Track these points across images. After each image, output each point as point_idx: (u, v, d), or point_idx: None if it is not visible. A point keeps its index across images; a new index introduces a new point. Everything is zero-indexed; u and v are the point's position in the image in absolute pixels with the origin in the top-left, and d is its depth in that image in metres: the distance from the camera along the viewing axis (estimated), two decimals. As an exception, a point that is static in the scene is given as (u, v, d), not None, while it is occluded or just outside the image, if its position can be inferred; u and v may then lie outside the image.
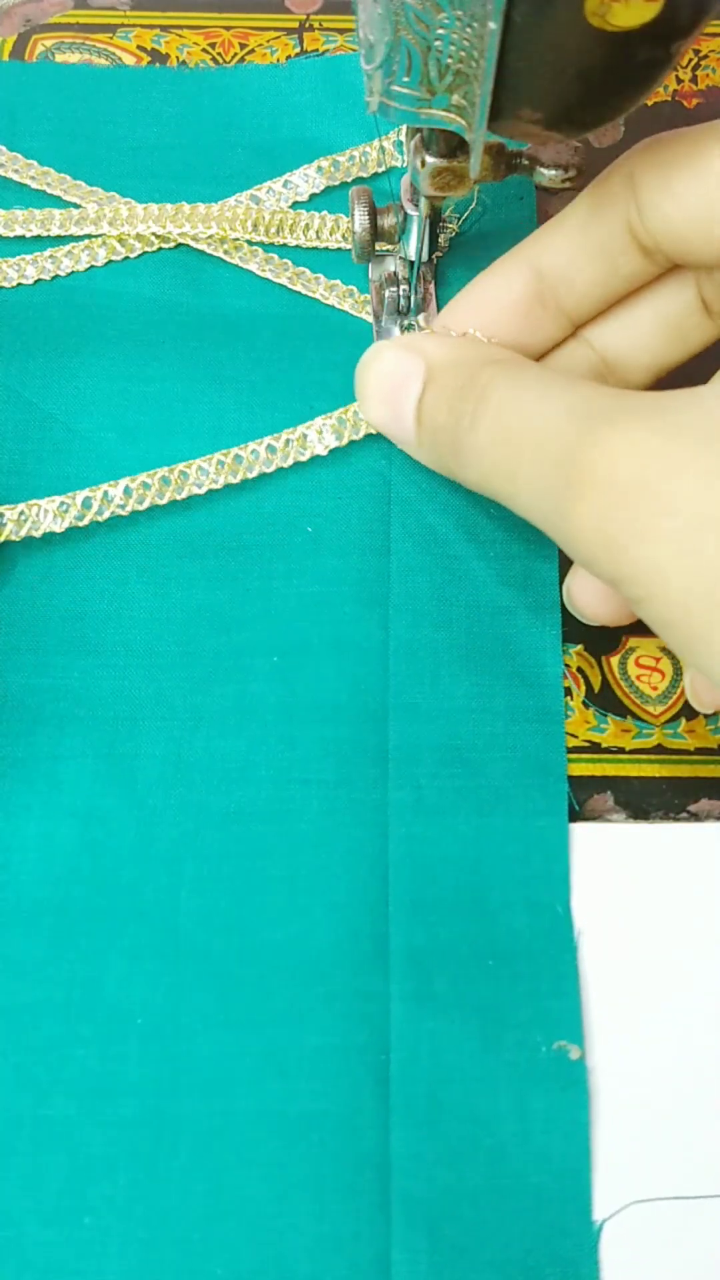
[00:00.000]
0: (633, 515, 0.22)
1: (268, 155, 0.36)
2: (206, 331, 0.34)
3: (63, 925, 0.27)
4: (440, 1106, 0.26)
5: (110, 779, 0.29)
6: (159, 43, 0.38)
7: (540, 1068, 0.26)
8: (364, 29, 0.24)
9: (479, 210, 0.35)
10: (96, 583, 0.31)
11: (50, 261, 0.35)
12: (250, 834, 0.28)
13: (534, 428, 0.24)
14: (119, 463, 0.32)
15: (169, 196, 0.35)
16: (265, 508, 0.31)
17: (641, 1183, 0.26)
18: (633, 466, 0.22)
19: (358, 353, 0.33)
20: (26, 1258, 0.25)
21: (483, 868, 0.28)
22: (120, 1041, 0.26)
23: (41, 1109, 0.26)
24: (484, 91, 0.23)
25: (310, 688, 0.30)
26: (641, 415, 0.23)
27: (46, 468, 0.32)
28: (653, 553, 0.22)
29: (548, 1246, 0.25)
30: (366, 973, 0.27)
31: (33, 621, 0.30)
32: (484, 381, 0.26)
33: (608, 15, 0.21)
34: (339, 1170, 0.25)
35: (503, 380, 0.26)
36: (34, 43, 0.38)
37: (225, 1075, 0.26)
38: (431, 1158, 0.25)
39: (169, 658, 0.30)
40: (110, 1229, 0.25)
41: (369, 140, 0.36)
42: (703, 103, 0.38)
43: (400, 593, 0.30)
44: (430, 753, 0.29)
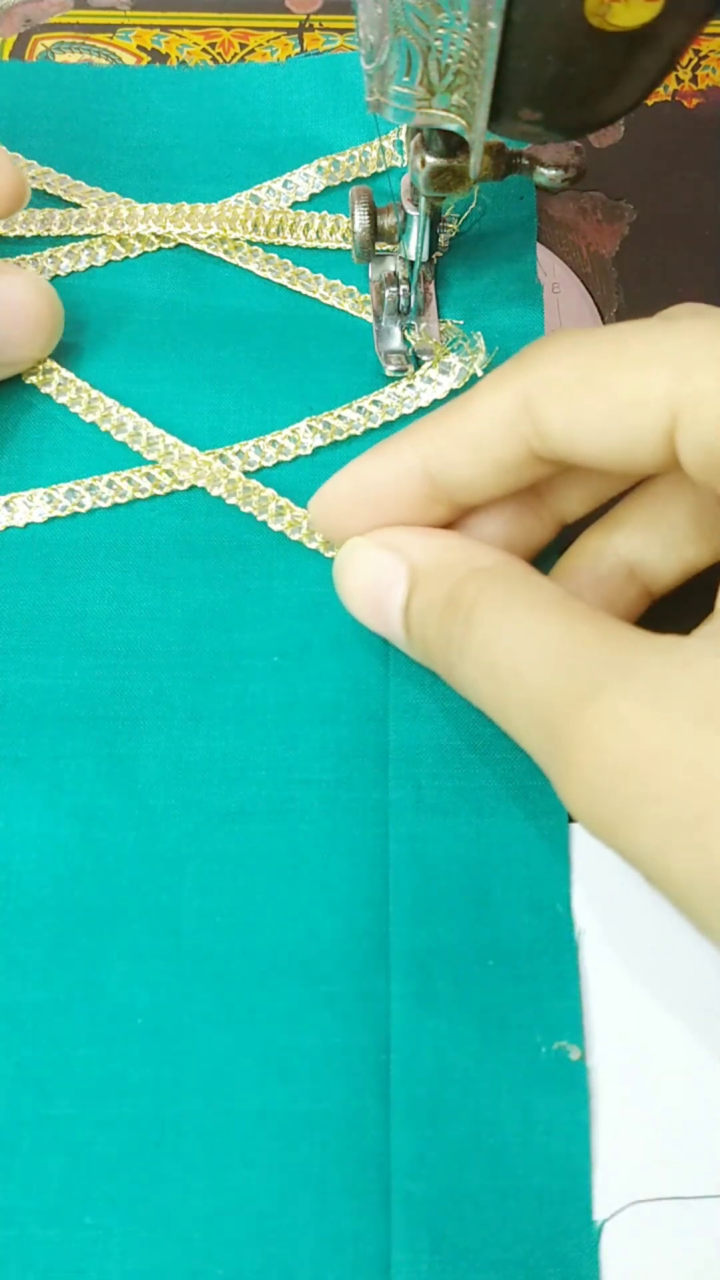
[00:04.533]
0: (623, 800, 0.21)
1: (268, 155, 0.36)
2: (206, 331, 0.34)
3: (63, 925, 0.27)
4: (441, 1106, 0.26)
5: (110, 779, 0.29)
6: (159, 43, 0.38)
7: (541, 1068, 0.26)
8: (364, 29, 0.24)
9: (479, 210, 0.35)
10: (96, 583, 0.31)
11: (50, 261, 0.35)
12: (250, 834, 0.28)
13: (520, 677, 0.23)
14: (119, 463, 0.32)
15: (169, 196, 0.35)
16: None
17: (641, 1183, 0.26)
18: (620, 748, 0.21)
19: (358, 353, 0.34)
20: (27, 1257, 0.25)
21: (483, 868, 0.28)
22: (121, 1041, 0.26)
23: (43, 1108, 0.26)
24: (484, 91, 0.23)
25: (310, 688, 0.30)
26: (630, 681, 0.21)
27: (46, 468, 0.32)
28: (647, 839, 0.21)
29: (548, 1246, 0.25)
30: (367, 973, 0.27)
31: (33, 621, 0.30)
32: (470, 600, 0.24)
33: (608, 15, 0.21)
34: (340, 1170, 0.25)
35: (489, 601, 0.24)
36: (34, 43, 0.38)
37: (226, 1075, 0.26)
38: (432, 1158, 0.25)
39: (169, 658, 0.30)
40: (111, 1228, 0.25)
41: (369, 140, 0.36)
42: (703, 103, 0.38)
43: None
44: (430, 753, 0.29)
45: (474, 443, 0.25)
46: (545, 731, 0.22)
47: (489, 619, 0.24)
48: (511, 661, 0.23)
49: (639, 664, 0.21)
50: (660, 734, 0.20)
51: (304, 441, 0.32)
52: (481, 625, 0.24)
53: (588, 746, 0.21)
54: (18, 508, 0.31)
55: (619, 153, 0.37)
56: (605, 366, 0.23)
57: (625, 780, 0.21)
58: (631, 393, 0.22)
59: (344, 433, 0.32)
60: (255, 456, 0.32)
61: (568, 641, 0.23)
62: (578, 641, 0.22)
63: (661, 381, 0.22)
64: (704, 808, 0.20)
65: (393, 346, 0.33)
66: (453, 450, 0.26)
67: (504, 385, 0.24)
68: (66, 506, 0.31)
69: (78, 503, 0.31)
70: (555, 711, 0.22)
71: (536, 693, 0.23)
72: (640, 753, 0.21)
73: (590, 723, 0.21)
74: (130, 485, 0.31)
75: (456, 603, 0.25)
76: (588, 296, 0.36)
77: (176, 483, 0.31)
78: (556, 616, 0.23)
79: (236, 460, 0.32)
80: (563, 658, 0.22)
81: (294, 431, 0.32)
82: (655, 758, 0.20)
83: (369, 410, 0.32)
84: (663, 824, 0.20)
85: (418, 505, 0.27)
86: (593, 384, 0.23)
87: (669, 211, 0.37)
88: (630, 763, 0.21)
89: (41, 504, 0.31)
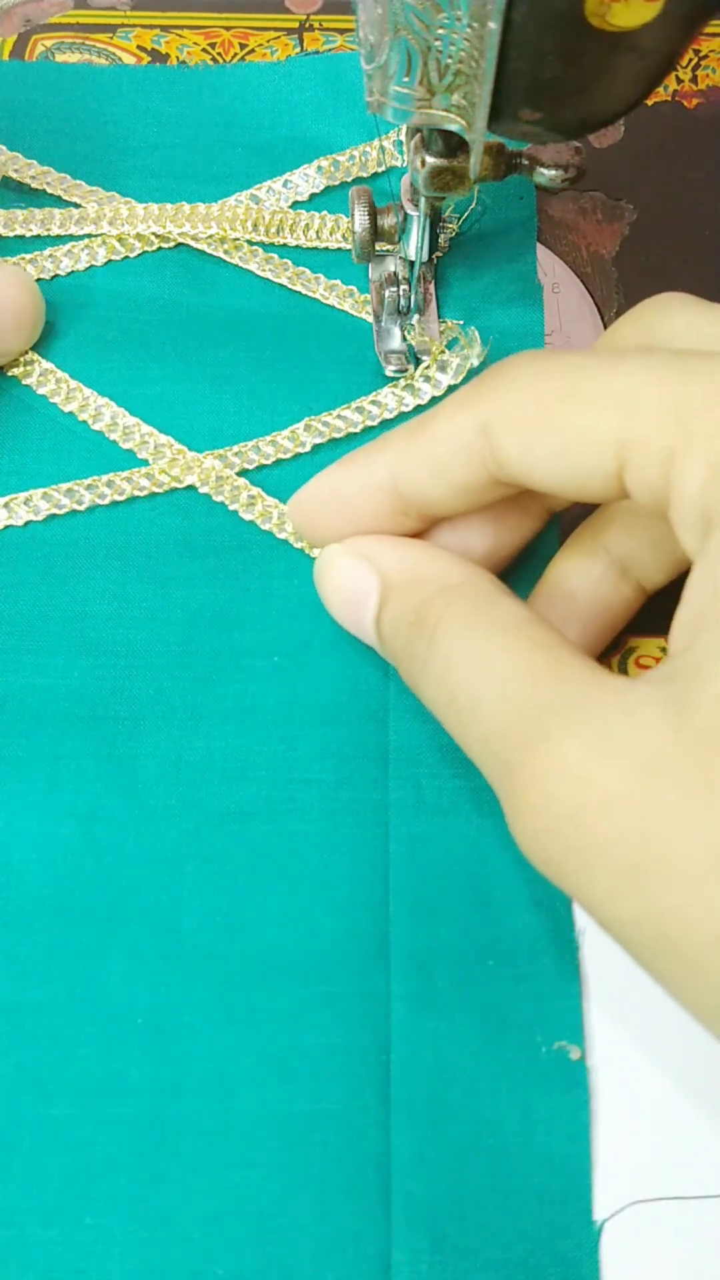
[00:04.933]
0: (569, 845, 0.21)
1: (268, 155, 0.36)
2: (206, 331, 0.34)
3: (63, 925, 0.27)
4: (441, 1106, 0.26)
5: (110, 779, 0.29)
6: (159, 43, 0.38)
7: (541, 1068, 0.26)
8: (364, 29, 0.24)
9: (479, 210, 0.35)
10: (96, 583, 0.31)
11: (50, 261, 0.35)
12: (251, 834, 0.28)
13: (475, 711, 0.23)
14: (119, 463, 0.32)
15: (169, 196, 0.35)
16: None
17: (641, 1183, 0.26)
18: (566, 795, 0.21)
19: (358, 353, 0.34)
20: (28, 1257, 0.25)
21: (483, 868, 0.28)
22: (121, 1041, 0.26)
23: (43, 1108, 0.26)
24: (484, 91, 0.23)
25: (310, 688, 0.30)
26: (577, 726, 0.21)
27: (46, 468, 0.32)
28: (592, 886, 0.21)
29: (549, 1246, 0.25)
30: (368, 973, 0.27)
31: (33, 621, 0.30)
32: (434, 619, 0.25)
33: (608, 15, 0.21)
34: (340, 1170, 0.25)
35: (451, 623, 0.24)
36: (34, 43, 0.38)
37: (226, 1075, 0.26)
38: (433, 1158, 0.25)
39: (169, 658, 0.30)
40: (111, 1229, 0.25)
41: (369, 140, 0.36)
42: (703, 103, 0.38)
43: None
44: (431, 753, 0.29)
45: (436, 465, 0.25)
46: (497, 769, 0.23)
47: (449, 642, 0.24)
48: (468, 692, 0.23)
49: (586, 707, 0.22)
50: (604, 782, 0.20)
51: (304, 440, 0.32)
52: (442, 647, 0.24)
53: (536, 790, 0.21)
54: (16, 508, 0.31)
55: (619, 153, 0.37)
56: (557, 402, 0.23)
57: (570, 827, 0.21)
58: (580, 432, 0.23)
59: (343, 431, 0.32)
60: (255, 456, 0.32)
61: (523, 675, 0.23)
62: (531, 676, 0.23)
63: (608, 423, 0.22)
64: (645, 857, 0.20)
65: (393, 346, 0.33)
66: (417, 470, 0.26)
67: (463, 412, 0.25)
68: (65, 505, 0.31)
69: (76, 501, 0.31)
70: (506, 752, 0.22)
71: (490, 729, 0.23)
72: (585, 801, 0.21)
73: (538, 768, 0.21)
74: (130, 485, 0.31)
75: (422, 621, 0.25)
76: (588, 296, 0.36)
77: (175, 481, 0.31)
78: (514, 644, 0.23)
79: (236, 460, 0.32)
80: (515, 694, 0.23)
81: (293, 432, 0.32)
82: (599, 806, 0.20)
83: (368, 410, 0.32)
84: (606, 871, 0.20)
85: (388, 516, 0.27)
86: (546, 419, 0.23)
87: (669, 211, 0.37)
88: (575, 810, 0.21)
89: (41, 504, 0.31)
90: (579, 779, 0.21)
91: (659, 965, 0.21)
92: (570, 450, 0.23)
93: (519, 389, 0.24)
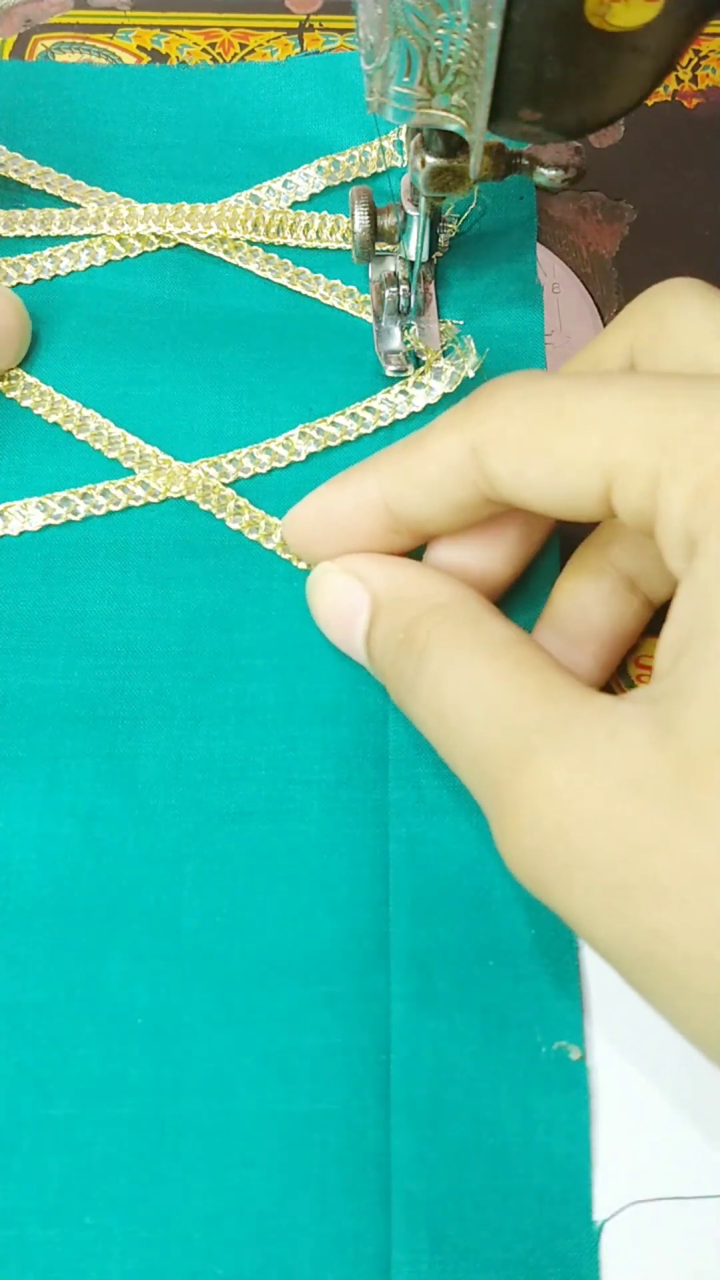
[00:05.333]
0: (555, 864, 0.21)
1: (268, 155, 0.36)
2: (206, 331, 0.34)
3: (63, 925, 0.27)
4: (441, 1106, 0.26)
5: (110, 779, 0.29)
6: (159, 43, 0.38)
7: (541, 1068, 0.26)
8: (364, 29, 0.24)
9: (479, 210, 0.35)
10: (96, 583, 0.31)
11: (50, 261, 0.35)
12: (250, 834, 0.28)
13: (463, 731, 0.24)
14: (114, 471, 0.32)
15: (169, 196, 0.35)
16: (264, 507, 0.31)
17: (641, 1183, 0.26)
18: (553, 814, 0.21)
19: (358, 353, 0.34)
20: (27, 1257, 0.25)
21: (484, 867, 0.28)
22: (121, 1041, 0.26)
23: (42, 1108, 0.26)
24: (484, 91, 0.23)
25: (310, 688, 0.30)
26: (563, 747, 0.21)
27: (46, 468, 0.32)
28: (576, 904, 0.21)
29: (549, 1247, 0.25)
30: (368, 973, 0.27)
31: (33, 621, 0.30)
32: (423, 639, 0.25)
33: (608, 15, 0.21)
34: (340, 1170, 0.25)
35: (439, 642, 0.25)
36: (34, 43, 0.38)
37: (226, 1075, 0.26)
38: (432, 1158, 0.25)
39: (169, 658, 0.30)
40: (111, 1229, 0.25)
41: (369, 140, 0.36)
42: (703, 103, 0.38)
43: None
44: (431, 752, 0.29)
45: (428, 485, 0.26)
46: (485, 788, 0.23)
47: (437, 662, 0.24)
48: (456, 712, 0.24)
49: (573, 727, 0.22)
50: (590, 801, 0.21)
51: (298, 448, 0.32)
52: (430, 668, 0.24)
53: (523, 809, 0.22)
54: (11, 517, 0.31)
55: (619, 153, 0.37)
56: (545, 425, 0.23)
57: (557, 845, 0.21)
58: (568, 455, 0.23)
59: (338, 439, 0.32)
60: (249, 464, 0.32)
61: (510, 695, 0.23)
62: (518, 696, 0.23)
63: (594, 446, 0.22)
64: (630, 876, 0.20)
65: (393, 346, 0.33)
66: (408, 489, 0.26)
67: (453, 433, 0.25)
68: (60, 515, 0.31)
69: (71, 510, 0.31)
70: (494, 771, 0.23)
71: (478, 748, 0.23)
72: (570, 820, 0.21)
73: (525, 787, 0.22)
74: (124, 494, 0.31)
75: (410, 641, 0.25)
76: (588, 296, 0.36)
77: (165, 489, 0.31)
78: (502, 665, 0.24)
79: (230, 468, 0.32)
80: (502, 714, 0.23)
81: (287, 439, 0.32)
82: (584, 826, 0.21)
83: (363, 417, 0.32)
84: (590, 890, 0.21)
85: (380, 534, 0.27)
86: (534, 442, 0.23)
87: (669, 211, 0.37)
88: (561, 829, 0.21)
89: (36, 513, 0.31)
90: (565, 798, 0.21)
91: (646, 983, 0.21)
92: (559, 473, 0.23)
93: (506, 412, 0.24)
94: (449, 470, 0.25)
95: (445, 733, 0.24)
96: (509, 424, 0.24)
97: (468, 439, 0.25)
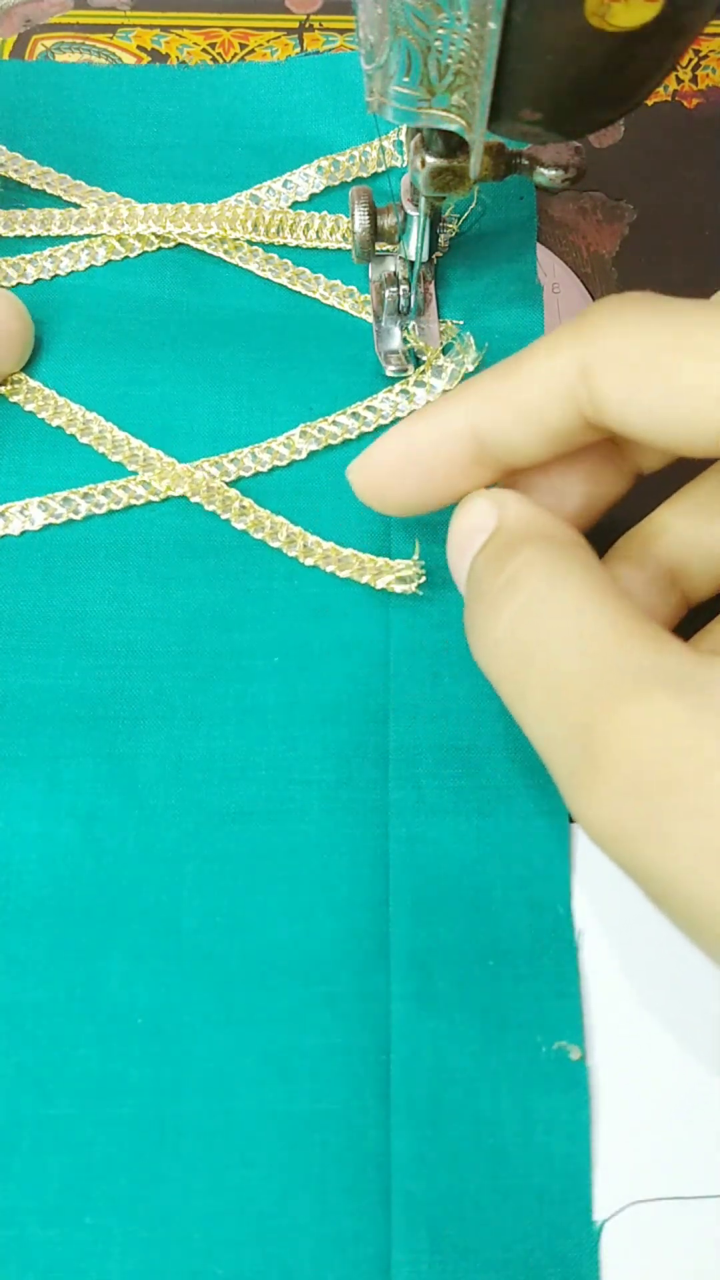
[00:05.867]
0: (654, 812, 0.19)
1: (268, 155, 0.36)
2: (206, 331, 0.34)
3: (63, 925, 0.27)
4: (441, 1107, 0.26)
5: (110, 779, 0.29)
6: (159, 43, 0.38)
7: (541, 1068, 0.26)
8: (364, 29, 0.24)
9: (479, 210, 0.35)
10: (96, 583, 0.31)
11: (50, 261, 0.35)
12: (251, 834, 0.28)
13: (551, 657, 0.22)
14: (114, 472, 0.32)
15: (169, 196, 0.35)
16: (265, 506, 0.31)
17: (641, 1183, 0.26)
18: (660, 755, 0.19)
19: (358, 353, 0.34)
20: (27, 1257, 0.25)
21: (484, 868, 0.28)
22: (121, 1041, 0.26)
23: (43, 1108, 0.26)
24: (484, 91, 0.23)
25: (311, 688, 0.30)
26: (678, 688, 0.20)
27: (46, 468, 0.32)
28: (678, 858, 0.19)
29: (548, 1247, 0.25)
30: (368, 973, 0.27)
31: (33, 621, 0.30)
32: (519, 564, 0.23)
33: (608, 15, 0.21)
34: (340, 1170, 0.25)
35: (536, 571, 0.23)
36: (34, 43, 0.38)
37: (226, 1075, 0.26)
38: (433, 1158, 0.25)
39: (169, 658, 0.30)
40: (111, 1229, 0.25)
41: (369, 140, 0.36)
42: (703, 103, 0.38)
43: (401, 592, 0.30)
44: (431, 753, 0.29)
45: (526, 409, 0.25)
46: (569, 723, 0.21)
47: (532, 588, 0.23)
48: (546, 637, 0.22)
49: (688, 673, 0.20)
50: (706, 742, 0.19)
51: (299, 447, 0.32)
52: (524, 590, 0.23)
53: (621, 748, 0.20)
54: (12, 517, 0.31)
55: (619, 153, 0.37)
56: (669, 349, 0.22)
57: (662, 791, 0.19)
58: (694, 381, 0.22)
59: (339, 438, 0.32)
60: (250, 463, 0.32)
61: (613, 634, 0.21)
62: (625, 636, 0.21)
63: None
64: None
65: (393, 346, 0.33)
66: (504, 416, 0.25)
67: (562, 352, 0.24)
68: (62, 515, 0.31)
69: (73, 510, 0.31)
70: (587, 703, 0.21)
71: (568, 679, 0.21)
72: (684, 763, 0.19)
73: (628, 722, 0.20)
74: (126, 493, 0.31)
75: (502, 560, 0.24)
76: (588, 296, 0.36)
77: (169, 490, 0.31)
78: (608, 606, 0.22)
79: (232, 468, 0.32)
80: (605, 648, 0.21)
81: (289, 438, 0.32)
82: (701, 771, 0.19)
83: (364, 416, 0.32)
84: (700, 843, 0.19)
85: (463, 468, 0.26)
86: (655, 365, 0.22)
87: (669, 211, 0.37)
88: (670, 772, 0.19)
89: (37, 512, 0.31)
90: (676, 738, 0.19)
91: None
92: (679, 399, 0.22)
93: (624, 333, 0.23)
94: (551, 392, 0.24)
95: (523, 663, 0.22)
96: (626, 344, 0.23)
97: (579, 358, 0.23)
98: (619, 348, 0.23)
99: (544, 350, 0.24)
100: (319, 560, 0.31)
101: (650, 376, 0.22)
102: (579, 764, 0.21)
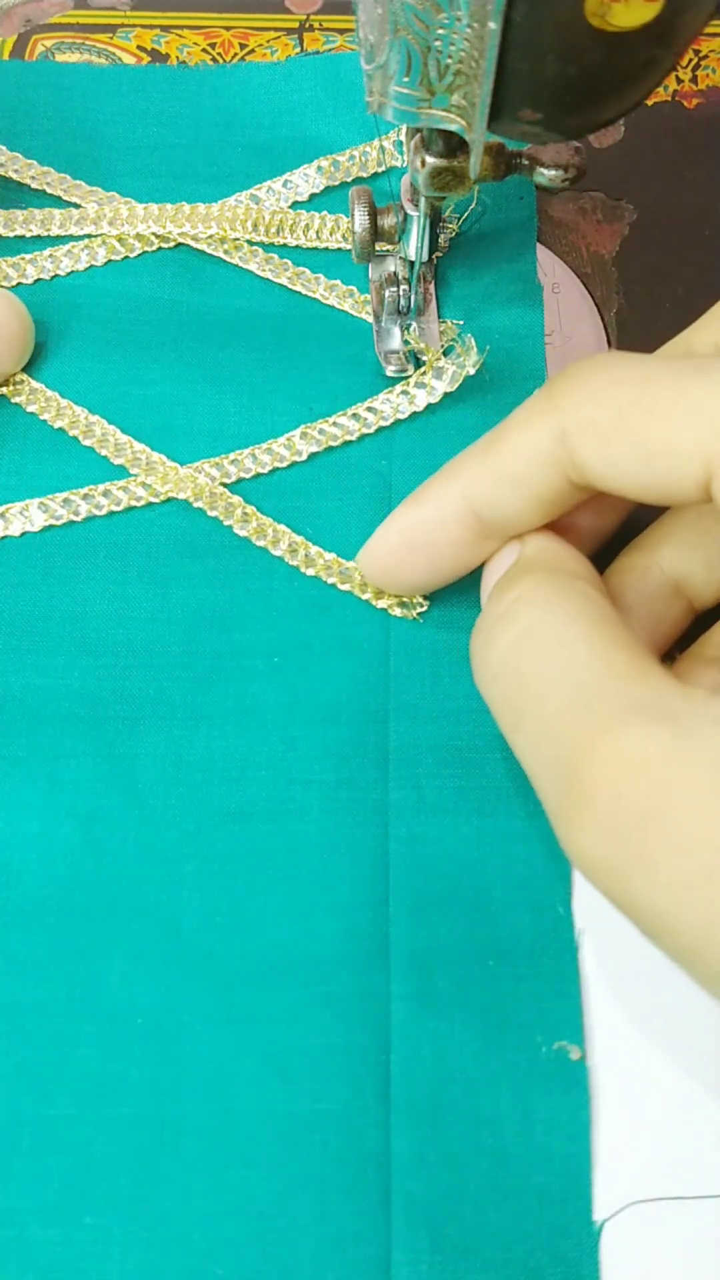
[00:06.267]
0: (638, 845, 0.20)
1: (268, 155, 0.36)
2: (206, 332, 0.34)
3: (63, 925, 0.27)
4: (441, 1107, 0.26)
5: (110, 779, 0.29)
6: (159, 43, 0.38)
7: (541, 1068, 0.26)
8: (364, 29, 0.24)
9: (479, 210, 0.35)
10: (97, 583, 0.31)
11: (50, 261, 0.35)
12: (251, 834, 0.28)
13: (542, 691, 0.22)
14: (115, 473, 0.32)
15: (169, 196, 0.35)
16: (266, 508, 0.31)
17: (641, 1183, 0.26)
18: (641, 790, 0.19)
19: (358, 353, 0.34)
20: (27, 1257, 0.25)
21: (484, 868, 0.28)
22: (121, 1041, 0.26)
23: (43, 1109, 0.26)
24: (484, 91, 0.23)
25: (311, 688, 0.30)
26: (660, 724, 0.20)
27: (47, 469, 0.32)
28: (658, 892, 0.19)
29: (548, 1246, 0.25)
30: (367, 973, 0.27)
31: (33, 622, 0.30)
32: (516, 595, 0.24)
33: (608, 15, 0.21)
34: (340, 1170, 0.25)
35: (533, 602, 0.24)
36: (34, 43, 0.38)
37: (226, 1075, 0.26)
38: (432, 1158, 0.25)
39: (169, 658, 0.30)
40: (111, 1229, 0.25)
41: (369, 140, 0.36)
42: (703, 103, 0.38)
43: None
44: (431, 753, 0.29)
45: (515, 480, 0.25)
46: (556, 755, 0.21)
47: (527, 619, 0.23)
48: (538, 668, 0.22)
49: (669, 707, 0.20)
50: (688, 781, 0.19)
51: (299, 448, 0.32)
52: (520, 620, 0.23)
53: (603, 781, 0.20)
54: (12, 518, 0.31)
55: (619, 153, 0.37)
56: (640, 413, 0.23)
57: (643, 824, 0.19)
58: (664, 444, 0.22)
59: (339, 439, 0.32)
60: (251, 464, 0.32)
61: (601, 666, 0.22)
62: (612, 669, 0.22)
63: (694, 436, 0.22)
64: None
65: (393, 347, 0.33)
66: (496, 489, 0.26)
67: (538, 423, 0.24)
68: (62, 516, 0.31)
69: (73, 511, 0.31)
70: (573, 735, 0.21)
71: (557, 710, 0.22)
72: (663, 799, 0.19)
73: (610, 755, 0.20)
74: (126, 495, 0.31)
75: (505, 591, 0.24)
76: (588, 296, 0.36)
77: (170, 493, 0.31)
78: (600, 639, 0.22)
79: (232, 469, 0.32)
80: (593, 681, 0.22)
81: (289, 440, 0.32)
82: (681, 806, 0.19)
83: (364, 417, 0.32)
84: (680, 877, 0.19)
85: (468, 544, 0.27)
86: (625, 431, 0.23)
87: (669, 211, 0.37)
88: (651, 805, 0.19)
89: (37, 513, 0.31)
90: (657, 773, 0.19)
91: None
92: (655, 461, 0.23)
93: (596, 401, 0.23)
94: (536, 461, 0.24)
95: (519, 691, 0.23)
96: (599, 411, 0.23)
97: (556, 426, 0.24)
98: (590, 415, 0.23)
99: (522, 421, 0.25)
100: (320, 571, 0.31)
101: (622, 441, 0.23)
102: (565, 796, 0.21)
